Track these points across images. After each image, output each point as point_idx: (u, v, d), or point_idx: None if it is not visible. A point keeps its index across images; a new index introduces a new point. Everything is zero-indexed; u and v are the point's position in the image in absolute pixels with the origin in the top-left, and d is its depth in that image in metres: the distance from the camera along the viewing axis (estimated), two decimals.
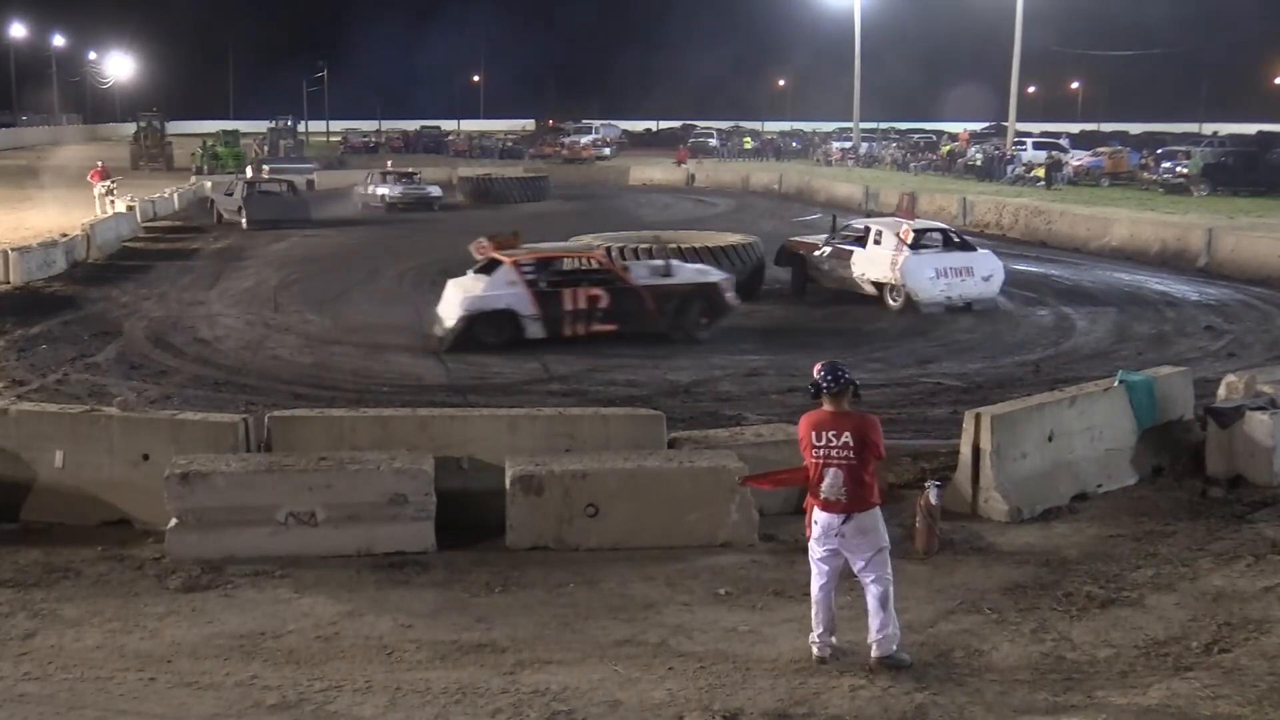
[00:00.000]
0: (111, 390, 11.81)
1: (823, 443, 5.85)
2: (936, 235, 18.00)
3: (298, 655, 6.06)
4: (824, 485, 5.85)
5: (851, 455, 5.81)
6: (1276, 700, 5.48)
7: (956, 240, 18.07)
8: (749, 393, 12.35)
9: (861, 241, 17.87)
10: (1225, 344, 14.99)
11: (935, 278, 16.84)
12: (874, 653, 5.88)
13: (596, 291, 14.73)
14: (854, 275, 17.68)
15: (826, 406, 5.96)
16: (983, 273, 17.16)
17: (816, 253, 18.61)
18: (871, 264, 17.41)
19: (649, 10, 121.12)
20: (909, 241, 16.98)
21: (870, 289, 17.46)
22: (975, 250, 18.01)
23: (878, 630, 5.87)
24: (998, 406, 8.69)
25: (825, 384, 5.93)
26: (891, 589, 5.91)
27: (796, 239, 20.22)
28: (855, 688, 5.64)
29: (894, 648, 5.88)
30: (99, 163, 32.81)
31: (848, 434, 5.83)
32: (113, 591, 6.90)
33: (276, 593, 6.88)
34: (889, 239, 17.28)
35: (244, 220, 29.15)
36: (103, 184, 30.64)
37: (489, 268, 14.99)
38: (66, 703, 5.53)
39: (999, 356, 14.30)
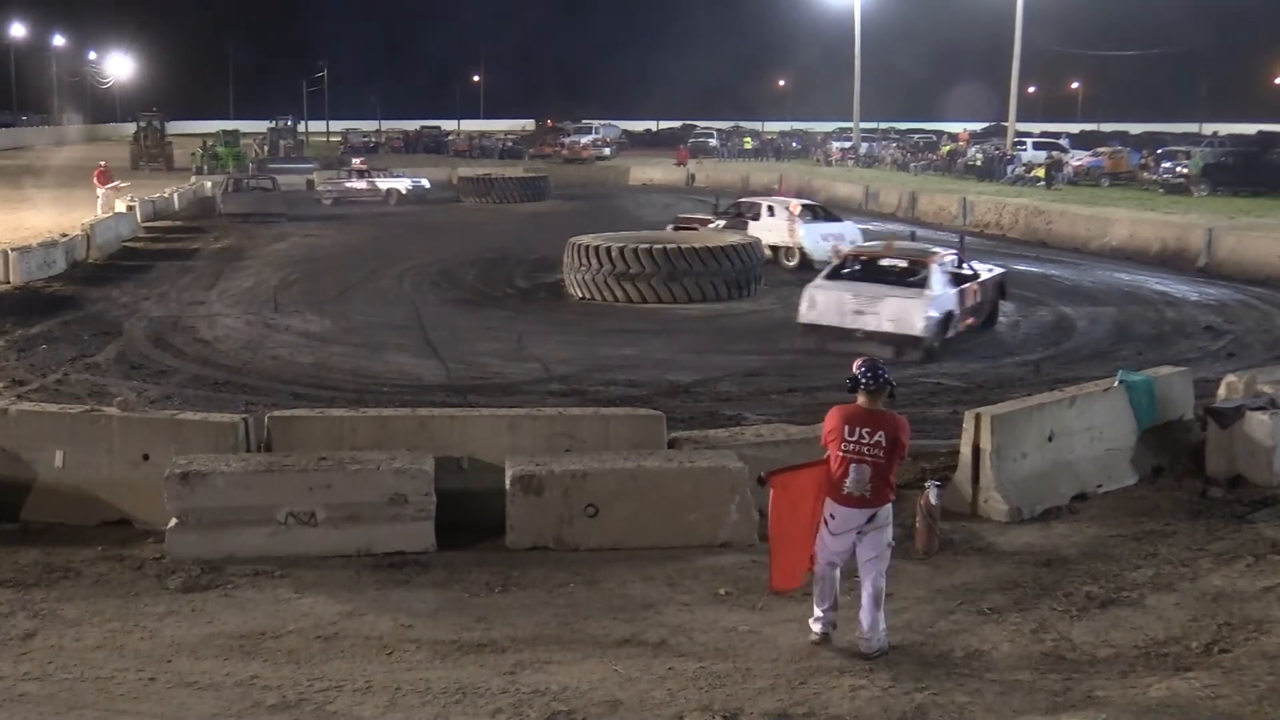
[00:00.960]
0: (111, 390, 11.80)
1: (855, 438, 5.92)
2: (808, 210, 22.84)
3: (298, 655, 6.05)
4: (849, 480, 5.92)
5: (882, 454, 5.92)
6: (1276, 700, 5.47)
7: (822, 212, 23.12)
8: (749, 393, 12.35)
9: (753, 216, 22.35)
10: (1225, 344, 15.00)
11: (820, 240, 21.33)
12: (862, 649, 6.00)
13: (976, 286, 15.23)
14: (805, 243, 21.83)
15: (861, 402, 6.03)
16: (850, 237, 21.46)
17: (710, 226, 22.40)
18: (769, 231, 21.63)
19: (649, 10, 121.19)
20: (797, 214, 21.95)
21: (767, 252, 21.00)
22: (841, 220, 23.15)
23: (868, 628, 5.99)
24: (998, 406, 8.69)
25: (864, 380, 6.01)
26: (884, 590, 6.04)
27: (685, 215, 24.93)
28: (855, 688, 5.64)
29: (880, 645, 6.00)
30: (102, 163, 32.81)
31: (881, 433, 5.92)
32: (113, 591, 6.89)
33: (276, 593, 6.87)
34: (781, 212, 22.16)
35: (222, 212, 31.40)
36: (106, 188, 30.47)
37: (887, 267, 14.76)
38: (66, 703, 5.53)
39: (999, 356, 14.30)
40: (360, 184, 37.24)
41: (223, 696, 5.59)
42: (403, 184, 38.01)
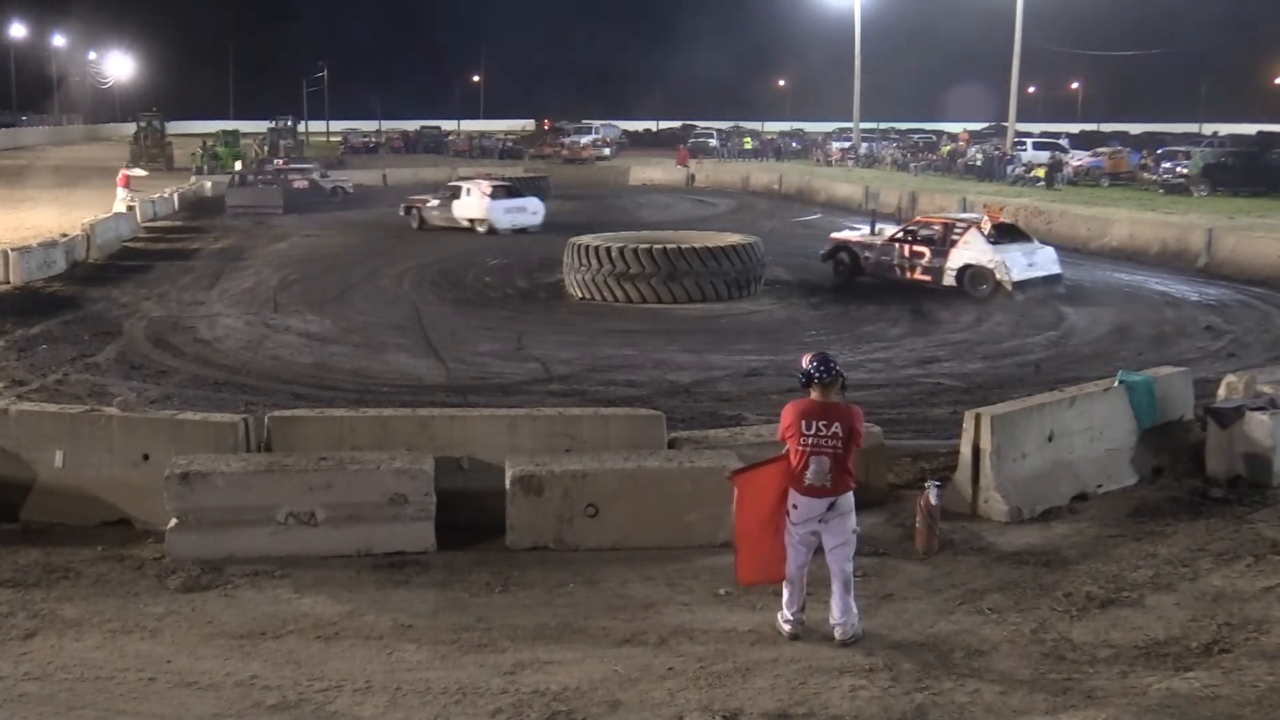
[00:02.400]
0: (111, 390, 11.81)
1: (812, 431, 6.03)
2: (504, 188, 28.84)
3: (298, 655, 6.05)
4: (809, 472, 6.03)
5: (839, 445, 6.04)
6: (1276, 700, 5.47)
7: (517, 191, 29.10)
8: (749, 393, 12.35)
9: (455, 195, 28.48)
10: (1225, 344, 14.98)
11: (505, 213, 27.48)
12: (837, 635, 6.11)
13: None
14: (455, 215, 28.03)
15: (815, 396, 6.15)
16: (532, 210, 28.07)
17: (429, 204, 28.95)
18: (467, 208, 27.93)
19: (650, 10, 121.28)
20: (488, 192, 27.88)
21: (466, 224, 27.56)
22: (528, 196, 28.79)
23: (841, 614, 6.12)
24: (998, 406, 8.68)
25: (818, 375, 6.12)
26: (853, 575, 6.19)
27: (413, 197, 30.56)
28: (855, 688, 5.64)
29: (854, 631, 6.12)
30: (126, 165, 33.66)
31: (837, 424, 6.05)
32: (113, 591, 6.89)
33: (276, 593, 6.87)
34: (476, 192, 28.21)
35: (228, 205, 33.38)
36: (125, 191, 31.35)
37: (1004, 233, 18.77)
38: (66, 703, 5.53)
39: (999, 357, 14.30)
40: (302, 182, 37.64)
41: (223, 696, 5.60)
42: (347, 183, 39.60)
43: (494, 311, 17.73)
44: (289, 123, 62.91)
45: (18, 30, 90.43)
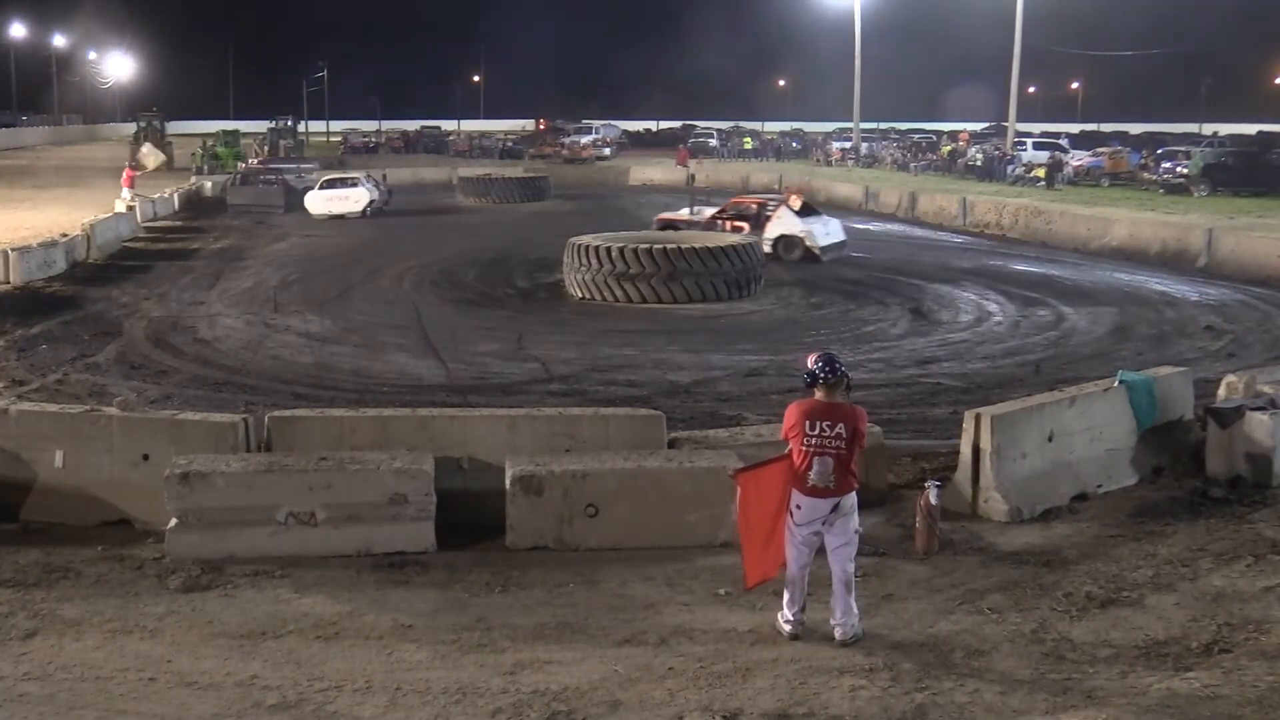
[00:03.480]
0: (111, 390, 11.81)
1: (816, 432, 6.02)
2: (341, 179, 33.72)
3: (298, 655, 6.05)
4: (813, 473, 6.03)
5: (843, 446, 6.03)
6: (1276, 700, 5.47)
7: (348, 182, 33.29)
8: (749, 393, 12.35)
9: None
10: (1225, 344, 14.99)
11: (324, 202, 31.94)
12: (838, 635, 6.10)
13: None
14: (308, 205, 32.01)
15: (820, 396, 6.14)
16: (355, 197, 32.24)
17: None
18: (307, 198, 32.27)
19: (650, 10, 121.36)
20: (317, 186, 32.60)
21: (314, 212, 31.82)
22: (356, 186, 32.80)
23: (842, 614, 6.11)
24: (998, 406, 8.68)
25: (823, 376, 6.11)
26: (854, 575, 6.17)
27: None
28: (855, 688, 5.64)
29: (855, 631, 6.11)
30: (130, 163, 33.97)
31: (841, 425, 6.04)
32: (113, 591, 6.89)
33: (276, 593, 6.87)
34: (314, 187, 32.96)
35: (230, 203, 34.44)
36: (129, 190, 31.81)
37: (806, 210, 23.07)
38: (66, 703, 5.53)
39: (999, 357, 14.31)
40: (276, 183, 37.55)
41: (223, 696, 5.60)
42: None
43: (494, 311, 17.73)
44: (289, 123, 62.93)
45: (18, 30, 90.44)
